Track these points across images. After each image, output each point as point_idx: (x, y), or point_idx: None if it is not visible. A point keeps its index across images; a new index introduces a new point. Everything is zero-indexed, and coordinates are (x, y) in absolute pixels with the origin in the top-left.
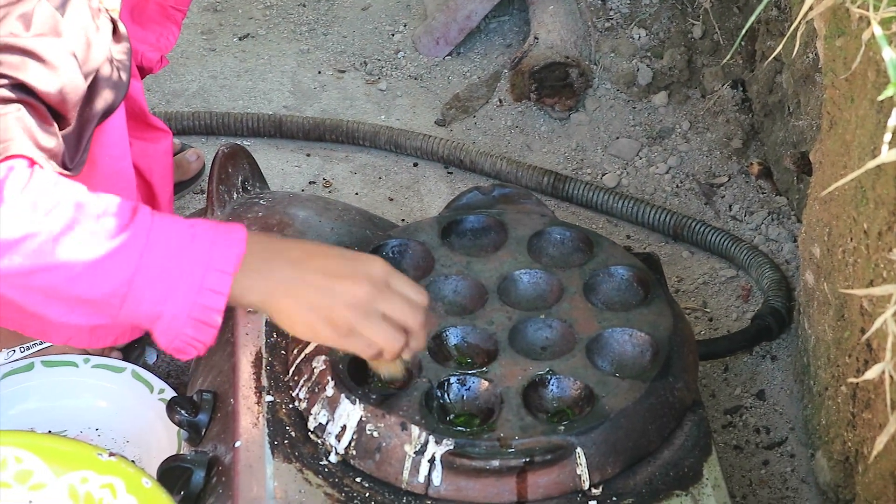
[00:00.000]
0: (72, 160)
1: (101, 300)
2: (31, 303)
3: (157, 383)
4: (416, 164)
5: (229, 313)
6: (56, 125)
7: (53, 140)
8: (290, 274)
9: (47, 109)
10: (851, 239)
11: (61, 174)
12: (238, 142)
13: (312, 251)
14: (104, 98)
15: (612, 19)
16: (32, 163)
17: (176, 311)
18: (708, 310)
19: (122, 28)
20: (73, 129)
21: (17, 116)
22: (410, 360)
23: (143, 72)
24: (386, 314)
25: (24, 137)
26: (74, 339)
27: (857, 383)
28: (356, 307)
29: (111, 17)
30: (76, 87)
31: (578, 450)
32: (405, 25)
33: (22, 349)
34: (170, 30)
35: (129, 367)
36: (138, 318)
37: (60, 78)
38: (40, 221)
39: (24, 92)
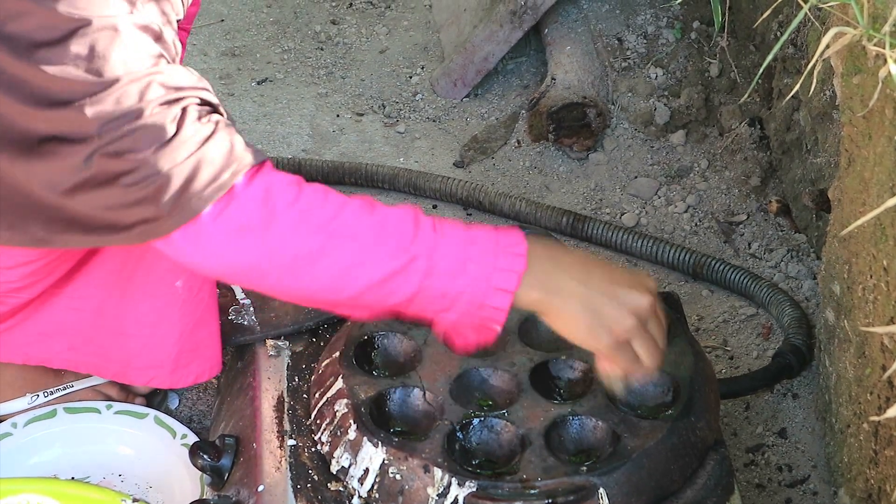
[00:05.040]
0: None
1: (384, 311)
2: (320, 307)
3: (180, 428)
4: (435, 206)
5: (250, 358)
6: None
7: None
8: (574, 281)
9: None
10: (871, 276)
11: None
12: None
13: (592, 261)
14: None
15: (628, 59)
16: (297, 179)
17: (457, 320)
18: (728, 348)
19: None
20: None
21: (227, 127)
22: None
23: None
24: (652, 336)
25: (246, 146)
26: (156, 380)
27: (879, 421)
28: (639, 317)
29: None
30: None
31: (601, 490)
32: (423, 68)
33: (45, 394)
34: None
35: (152, 412)
36: (422, 318)
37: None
38: (316, 241)
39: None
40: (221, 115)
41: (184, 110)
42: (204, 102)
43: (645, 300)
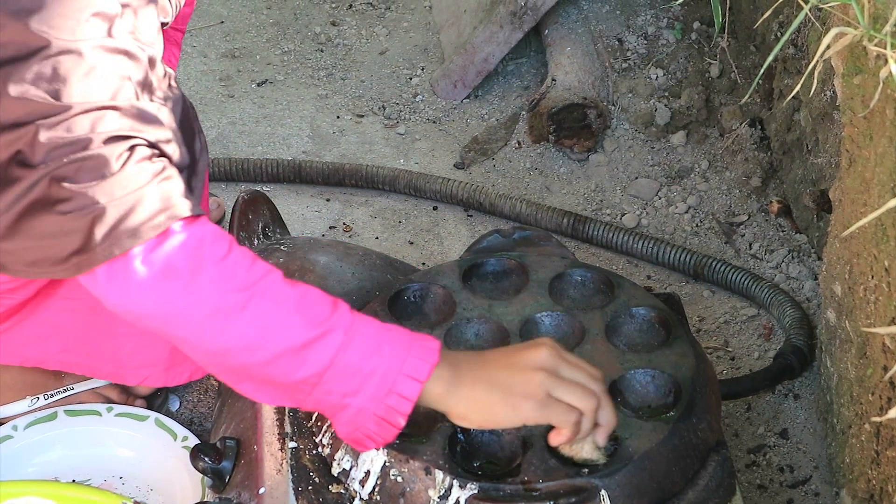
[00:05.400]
0: None
1: (291, 386)
2: (227, 380)
3: (181, 431)
4: (435, 208)
5: None
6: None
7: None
8: (473, 369)
9: None
10: (872, 277)
11: None
12: (258, 188)
13: (486, 351)
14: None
15: (629, 60)
16: (230, 238)
17: (362, 407)
18: (730, 349)
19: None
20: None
21: (169, 175)
22: (605, 443)
23: None
24: (572, 380)
25: (184, 196)
26: (150, 379)
27: (881, 421)
28: (546, 369)
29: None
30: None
31: (603, 492)
32: (423, 69)
33: (46, 396)
34: (171, 52)
35: (153, 415)
36: (323, 407)
37: (177, 144)
38: (238, 299)
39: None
40: (170, 157)
41: (131, 149)
42: (152, 145)
43: (543, 352)
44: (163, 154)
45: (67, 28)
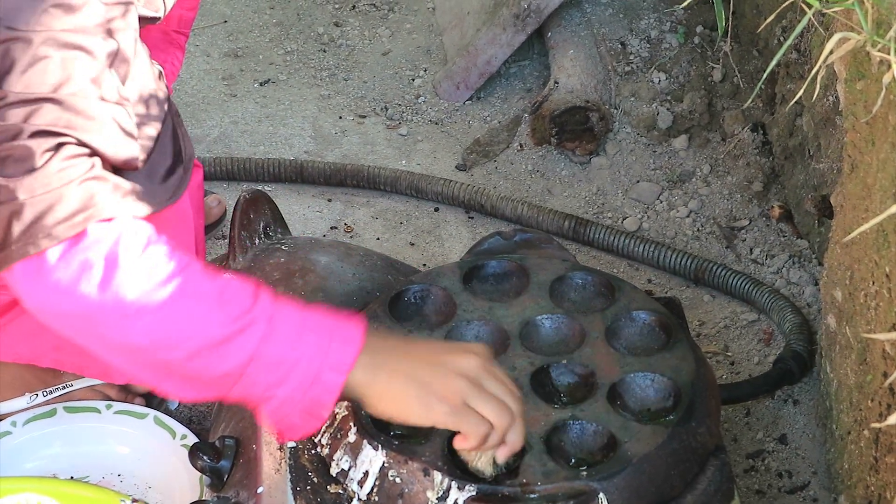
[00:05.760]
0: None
1: (214, 380)
2: (148, 380)
3: (180, 429)
4: (437, 209)
5: None
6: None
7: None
8: (395, 358)
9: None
10: (873, 283)
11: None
12: (259, 187)
13: (415, 342)
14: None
15: (631, 63)
16: (150, 233)
17: (286, 398)
18: (729, 354)
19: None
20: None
21: (97, 175)
22: (505, 460)
23: None
24: (492, 393)
25: (111, 197)
26: (137, 379)
27: (880, 428)
28: (467, 376)
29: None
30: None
31: (601, 495)
32: (425, 70)
33: (45, 393)
34: (174, 55)
35: (152, 412)
36: (248, 399)
37: (117, 145)
38: (156, 294)
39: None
40: (108, 158)
41: (59, 146)
42: (83, 144)
43: (471, 360)
44: (95, 154)
45: (21, 17)
